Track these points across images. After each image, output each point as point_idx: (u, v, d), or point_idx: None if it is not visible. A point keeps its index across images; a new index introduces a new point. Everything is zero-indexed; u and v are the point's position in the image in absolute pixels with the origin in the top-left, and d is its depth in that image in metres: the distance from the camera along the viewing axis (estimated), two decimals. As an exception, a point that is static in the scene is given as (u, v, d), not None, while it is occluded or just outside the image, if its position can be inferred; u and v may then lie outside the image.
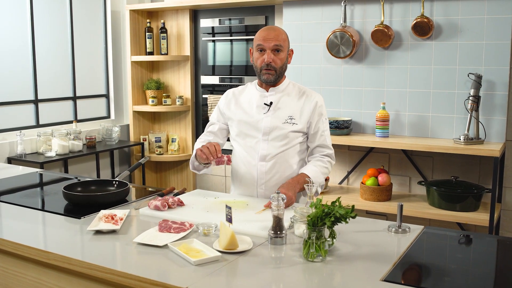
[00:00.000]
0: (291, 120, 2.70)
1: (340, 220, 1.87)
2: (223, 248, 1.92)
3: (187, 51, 5.18)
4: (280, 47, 2.64)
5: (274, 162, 2.71)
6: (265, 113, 2.72)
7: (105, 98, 5.33)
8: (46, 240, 2.15)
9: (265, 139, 2.71)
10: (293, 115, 2.71)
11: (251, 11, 4.85)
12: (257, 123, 2.72)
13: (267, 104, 2.73)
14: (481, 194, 3.70)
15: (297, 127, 2.70)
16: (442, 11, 3.87)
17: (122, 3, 5.30)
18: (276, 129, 2.69)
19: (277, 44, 2.63)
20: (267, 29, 2.68)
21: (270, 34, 2.64)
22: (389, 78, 4.12)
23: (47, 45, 4.70)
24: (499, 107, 3.76)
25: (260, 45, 2.65)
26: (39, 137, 4.45)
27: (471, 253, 2.12)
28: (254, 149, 2.73)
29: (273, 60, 2.64)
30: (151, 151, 5.35)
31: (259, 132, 2.72)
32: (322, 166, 2.73)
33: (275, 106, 2.73)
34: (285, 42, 2.68)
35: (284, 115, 2.70)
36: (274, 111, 2.72)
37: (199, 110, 5.27)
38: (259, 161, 2.73)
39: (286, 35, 2.71)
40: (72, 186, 2.70)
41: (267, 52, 2.64)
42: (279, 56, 2.66)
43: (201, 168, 2.78)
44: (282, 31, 2.69)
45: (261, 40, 2.65)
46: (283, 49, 2.66)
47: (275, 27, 2.72)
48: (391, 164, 4.28)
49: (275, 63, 2.65)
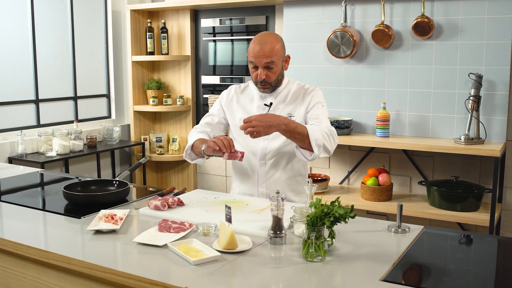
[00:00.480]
0: (290, 117, 2.69)
1: (339, 220, 1.87)
2: (223, 248, 1.92)
3: (187, 51, 5.19)
4: (272, 63, 2.59)
5: (275, 160, 2.72)
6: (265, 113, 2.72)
7: (106, 98, 5.34)
8: (46, 240, 2.15)
9: (265, 138, 2.71)
10: (292, 112, 2.71)
11: (252, 11, 4.85)
12: None
13: (267, 105, 2.74)
14: (481, 194, 3.70)
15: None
16: (442, 11, 3.87)
17: (122, 3, 5.31)
18: None
19: (268, 61, 2.57)
20: (258, 43, 2.59)
21: (261, 50, 2.57)
22: (390, 78, 4.12)
23: (48, 45, 4.70)
24: (499, 107, 3.76)
25: (252, 62, 2.62)
26: (40, 137, 4.46)
27: (471, 253, 2.12)
28: (255, 148, 2.74)
29: (267, 76, 2.61)
30: (151, 151, 5.36)
31: None
32: (322, 130, 2.52)
33: (275, 106, 2.74)
34: (278, 54, 2.60)
35: (283, 114, 2.70)
36: (274, 111, 2.73)
37: (200, 110, 5.27)
38: (260, 160, 2.73)
39: (280, 44, 2.63)
40: (72, 186, 2.70)
41: (260, 70, 2.60)
42: (273, 71, 2.62)
43: (195, 158, 2.76)
44: (274, 42, 2.60)
45: (252, 56, 2.60)
46: (276, 63, 2.60)
47: (267, 37, 2.61)
48: (391, 164, 4.28)
49: (268, 78, 2.62)
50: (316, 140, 2.46)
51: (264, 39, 2.60)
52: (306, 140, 2.46)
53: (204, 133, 2.82)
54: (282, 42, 2.67)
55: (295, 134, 2.46)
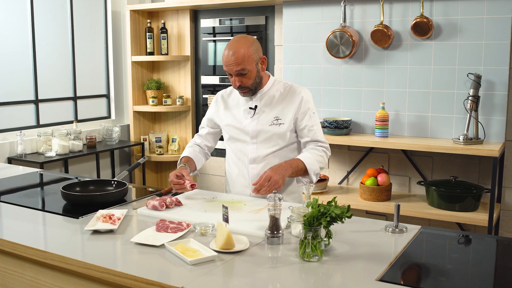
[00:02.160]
0: (277, 121, 2.68)
1: (336, 220, 1.87)
2: (220, 248, 1.92)
3: (187, 51, 5.19)
4: (244, 70, 2.56)
5: (265, 164, 2.71)
6: (251, 117, 2.72)
7: (105, 98, 5.34)
8: (44, 240, 2.16)
9: (253, 142, 2.72)
10: (278, 115, 2.69)
11: (252, 11, 4.85)
12: (245, 127, 2.73)
13: (252, 108, 2.72)
14: (480, 194, 3.70)
15: (284, 127, 2.68)
16: (441, 11, 3.87)
17: (122, 3, 5.31)
18: (262, 132, 2.69)
19: (238, 69, 2.55)
20: (227, 51, 2.57)
21: (230, 59, 2.55)
22: (389, 78, 4.12)
23: (48, 45, 4.71)
24: (498, 107, 3.76)
25: (225, 70, 2.62)
26: (39, 137, 4.46)
27: (470, 253, 2.12)
28: (244, 153, 2.75)
29: (242, 82, 2.60)
30: (151, 151, 5.36)
31: (247, 135, 2.73)
32: (317, 154, 2.68)
33: (260, 109, 2.71)
34: (250, 59, 2.56)
35: (270, 117, 2.69)
36: (260, 114, 2.71)
37: (200, 110, 5.28)
38: (250, 163, 2.74)
39: (251, 48, 2.57)
40: (71, 186, 2.71)
41: (233, 78, 2.61)
42: (246, 76, 2.59)
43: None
44: (244, 48, 2.55)
45: (224, 65, 2.60)
46: (249, 68, 2.57)
47: (237, 44, 2.57)
48: (390, 164, 4.28)
49: (244, 84, 2.62)
50: (314, 171, 2.66)
51: (234, 46, 2.57)
52: (306, 172, 2.66)
53: (195, 146, 2.95)
54: (255, 45, 2.61)
55: (298, 172, 2.64)
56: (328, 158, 2.78)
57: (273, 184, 2.49)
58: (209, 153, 3.00)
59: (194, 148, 2.93)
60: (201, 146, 2.96)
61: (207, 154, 2.99)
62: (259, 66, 2.64)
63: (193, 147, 2.94)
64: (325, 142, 2.76)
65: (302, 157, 2.66)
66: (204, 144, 2.96)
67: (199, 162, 2.90)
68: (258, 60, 2.63)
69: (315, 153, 2.68)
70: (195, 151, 2.91)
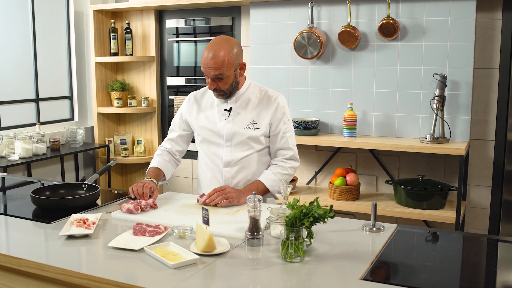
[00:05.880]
0: (253, 125, 2.66)
1: (318, 220, 1.87)
2: (201, 251, 1.90)
3: (152, 52, 5.13)
4: (222, 75, 2.50)
5: (239, 167, 2.70)
6: (226, 119, 2.68)
7: (68, 99, 5.22)
8: (16, 246, 2.07)
9: (228, 145, 2.69)
10: (254, 120, 2.67)
11: (218, 11, 4.82)
12: (219, 130, 2.69)
13: (227, 110, 2.69)
14: (447, 192, 3.77)
15: (259, 132, 2.67)
16: (407, 12, 3.93)
17: (85, 3, 5.21)
18: (237, 135, 2.67)
19: (216, 74, 2.49)
20: (207, 52, 2.50)
21: (208, 62, 2.48)
22: (356, 79, 4.16)
23: (8, 46, 4.57)
24: (463, 107, 3.84)
25: (203, 71, 2.56)
26: (1, 140, 4.32)
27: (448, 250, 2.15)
28: (218, 156, 2.71)
29: (218, 85, 2.55)
30: (116, 153, 5.27)
31: (221, 138, 2.69)
32: (282, 174, 2.69)
33: (235, 111, 2.68)
34: (229, 64, 2.50)
35: (245, 120, 2.67)
36: (235, 116, 2.68)
37: (165, 112, 5.22)
38: (224, 167, 2.71)
39: (233, 53, 2.51)
40: (41, 190, 2.64)
41: (210, 81, 2.54)
42: (223, 81, 2.53)
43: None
44: (225, 52, 2.49)
45: (202, 66, 2.53)
46: (227, 74, 2.51)
47: (218, 46, 2.50)
48: (358, 164, 4.32)
49: (220, 87, 2.56)
50: (277, 191, 2.71)
51: (214, 48, 2.50)
52: (269, 193, 2.72)
53: (164, 154, 2.86)
54: (236, 49, 2.55)
55: (260, 193, 2.64)
56: (295, 171, 2.79)
57: (226, 193, 2.49)
58: (179, 159, 2.92)
59: (163, 156, 2.84)
60: (171, 152, 2.87)
61: (177, 160, 2.91)
62: (237, 71, 2.58)
63: (162, 156, 2.84)
64: (294, 150, 2.75)
65: (264, 179, 2.67)
66: (175, 149, 2.87)
67: (169, 172, 2.82)
68: (238, 66, 2.57)
69: (279, 173, 2.70)
70: (165, 160, 2.82)
